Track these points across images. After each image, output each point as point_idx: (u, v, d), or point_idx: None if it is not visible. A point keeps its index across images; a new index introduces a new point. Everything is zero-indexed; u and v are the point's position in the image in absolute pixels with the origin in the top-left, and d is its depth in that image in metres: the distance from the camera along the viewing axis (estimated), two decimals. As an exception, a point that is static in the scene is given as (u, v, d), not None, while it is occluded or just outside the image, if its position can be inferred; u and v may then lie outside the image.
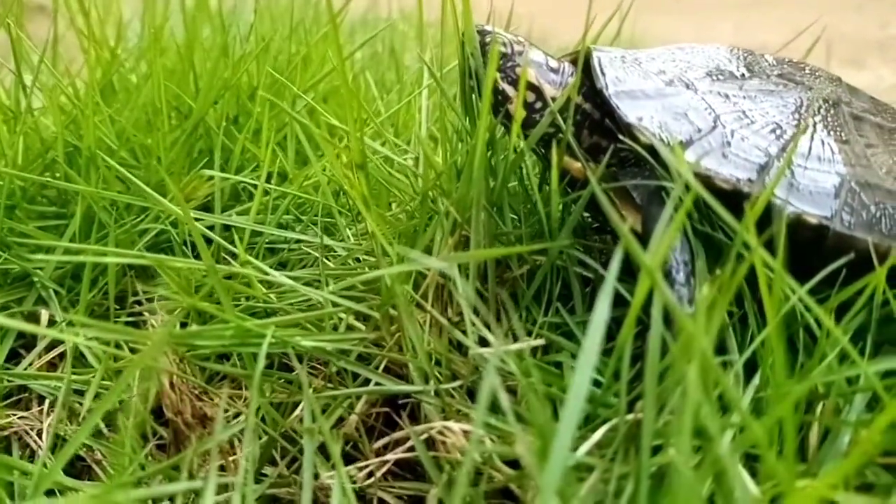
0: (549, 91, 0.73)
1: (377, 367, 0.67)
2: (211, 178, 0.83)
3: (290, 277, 0.72)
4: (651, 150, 0.65)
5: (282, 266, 0.85)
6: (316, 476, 0.61)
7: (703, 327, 0.42)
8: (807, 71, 0.79)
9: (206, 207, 0.88)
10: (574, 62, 0.75)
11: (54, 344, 0.79)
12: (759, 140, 0.68)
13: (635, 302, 0.48)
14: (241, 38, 0.98)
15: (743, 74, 0.75)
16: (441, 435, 0.60)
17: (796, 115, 0.71)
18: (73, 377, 0.71)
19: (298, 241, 0.81)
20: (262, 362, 0.55)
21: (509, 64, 0.73)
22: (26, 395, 0.77)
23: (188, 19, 0.94)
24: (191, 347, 0.66)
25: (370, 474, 0.64)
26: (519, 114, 0.67)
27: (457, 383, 0.64)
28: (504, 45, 0.73)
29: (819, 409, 0.57)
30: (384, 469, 0.64)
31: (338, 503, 0.50)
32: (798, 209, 0.65)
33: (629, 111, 0.68)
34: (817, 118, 0.72)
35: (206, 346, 0.61)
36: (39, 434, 0.74)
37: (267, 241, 0.84)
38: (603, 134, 0.75)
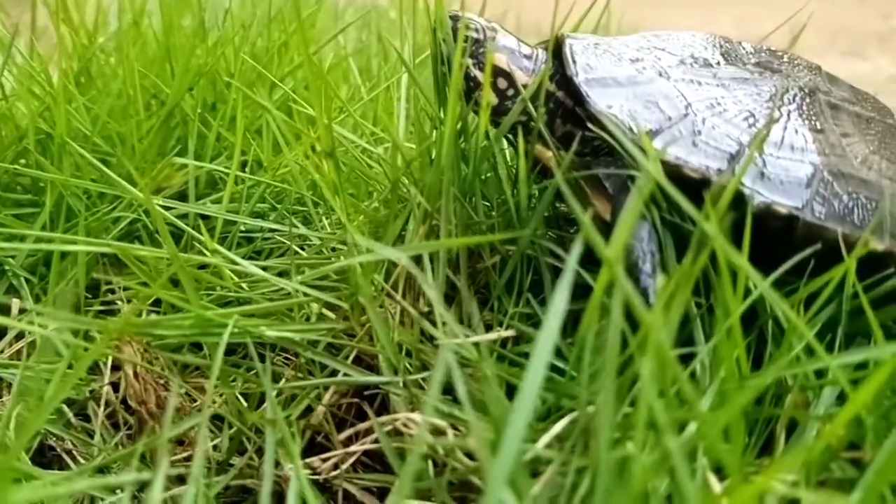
0: (520, 78, 0.72)
1: (347, 358, 0.66)
2: (185, 166, 0.82)
3: (262, 267, 0.72)
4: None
5: (256, 255, 0.84)
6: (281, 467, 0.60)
7: (660, 319, 0.41)
8: (785, 59, 0.78)
9: (183, 196, 0.87)
10: (548, 49, 0.74)
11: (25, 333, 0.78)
12: (731, 128, 0.67)
13: (596, 292, 0.47)
14: (219, 24, 0.97)
15: (718, 62, 0.74)
16: (405, 427, 0.59)
17: (770, 104, 0.70)
18: (45, 366, 0.71)
19: (273, 230, 0.81)
20: (221, 352, 0.54)
21: (481, 50, 0.71)
22: (-3, 383, 0.76)
23: (165, 4, 0.93)
24: (157, 337, 0.66)
25: (337, 465, 0.63)
26: (487, 97, 0.66)
27: (425, 374, 0.63)
28: (476, 30, 0.71)
29: (787, 402, 0.57)
30: (351, 460, 0.63)
31: (294, 494, 0.49)
32: (767, 199, 0.64)
33: (598, 99, 0.67)
34: (792, 106, 0.71)
35: (171, 336, 0.60)
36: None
37: (242, 230, 0.84)
38: (576, 123, 0.74)
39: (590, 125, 0.66)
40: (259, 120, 0.95)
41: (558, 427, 0.50)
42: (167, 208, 0.76)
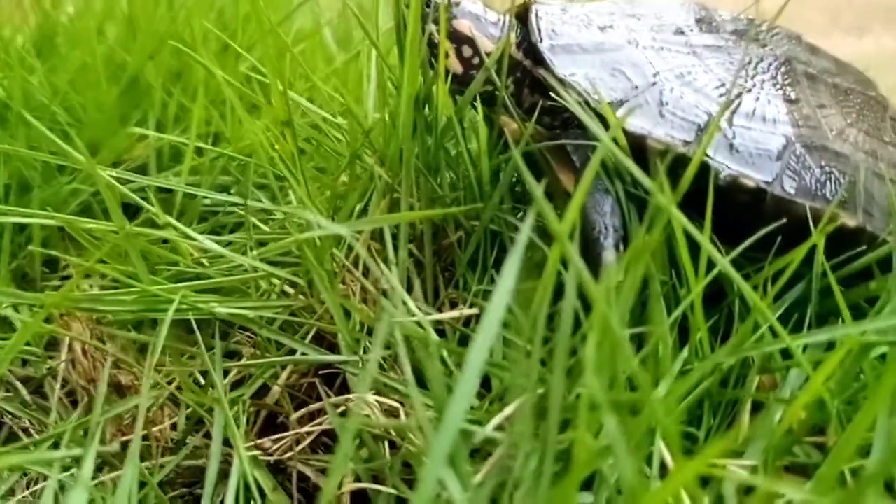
0: (485, 45, 0.69)
1: (306, 336, 0.64)
2: (145, 137, 0.79)
3: (223, 243, 0.69)
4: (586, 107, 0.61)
5: (221, 230, 0.81)
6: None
7: (604, 294, 0.39)
8: (763, 28, 0.75)
9: (144, 169, 0.84)
10: (518, 16, 0.71)
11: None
12: (701, 98, 0.65)
13: (549, 268, 0.45)
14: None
15: (692, 30, 0.72)
16: (358, 407, 0.57)
17: (743, 73, 0.68)
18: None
19: (235, 204, 0.78)
20: (164, 328, 0.52)
21: (447, 16, 0.68)
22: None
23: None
24: (109, 314, 0.64)
25: (291, 447, 0.61)
26: (441, 66, 0.64)
27: (387, 353, 0.61)
28: None
29: (755, 383, 0.55)
30: (307, 441, 0.61)
31: (236, 475, 0.48)
32: (735, 171, 0.61)
33: (562, 66, 0.65)
34: (766, 76, 0.69)
35: (116, 312, 0.58)
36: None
37: (206, 204, 0.81)
38: (543, 93, 0.70)
39: (552, 94, 0.64)
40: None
41: (510, 409, 0.48)
42: (126, 182, 0.73)
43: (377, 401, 0.56)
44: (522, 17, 0.72)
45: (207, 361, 0.52)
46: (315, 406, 0.58)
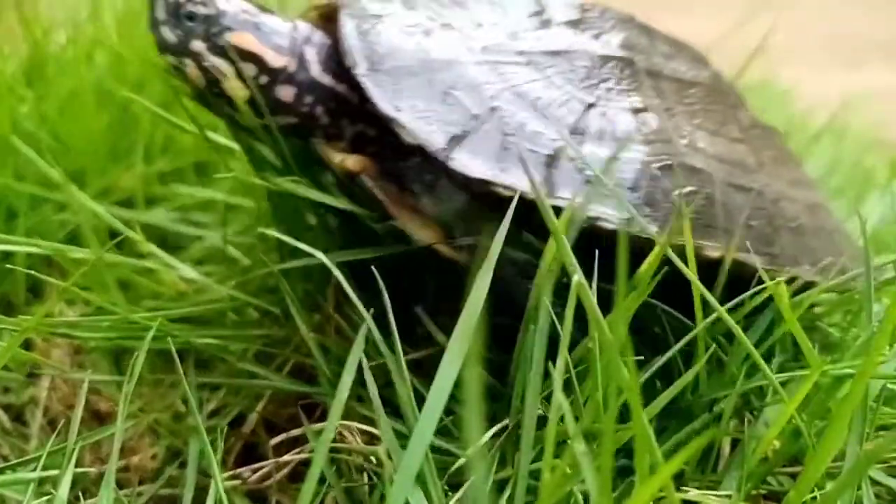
0: (274, 60, 0.58)
1: (283, 366, 0.64)
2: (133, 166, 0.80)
3: (204, 272, 0.70)
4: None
5: (206, 259, 0.82)
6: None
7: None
8: (595, 14, 0.68)
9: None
10: (322, 20, 0.62)
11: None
12: (546, 124, 0.57)
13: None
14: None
15: (526, 28, 0.64)
16: (340, 436, 0.57)
17: (586, 84, 0.61)
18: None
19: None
20: (142, 357, 0.52)
21: (215, 29, 0.57)
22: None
23: None
24: (88, 340, 0.64)
25: (270, 474, 0.61)
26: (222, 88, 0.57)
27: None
28: (204, 4, 0.57)
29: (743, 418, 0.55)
30: (285, 470, 0.61)
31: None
32: (592, 213, 0.53)
33: (388, 99, 0.54)
34: (609, 83, 0.62)
35: (94, 339, 0.58)
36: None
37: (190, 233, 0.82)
38: (369, 121, 0.60)
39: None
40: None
41: (487, 435, 0.48)
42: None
43: (358, 428, 0.55)
44: (327, 17, 0.62)
45: (187, 391, 0.52)
46: (295, 432, 0.57)
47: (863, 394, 0.42)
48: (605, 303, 0.42)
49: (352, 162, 0.59)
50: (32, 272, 0.59)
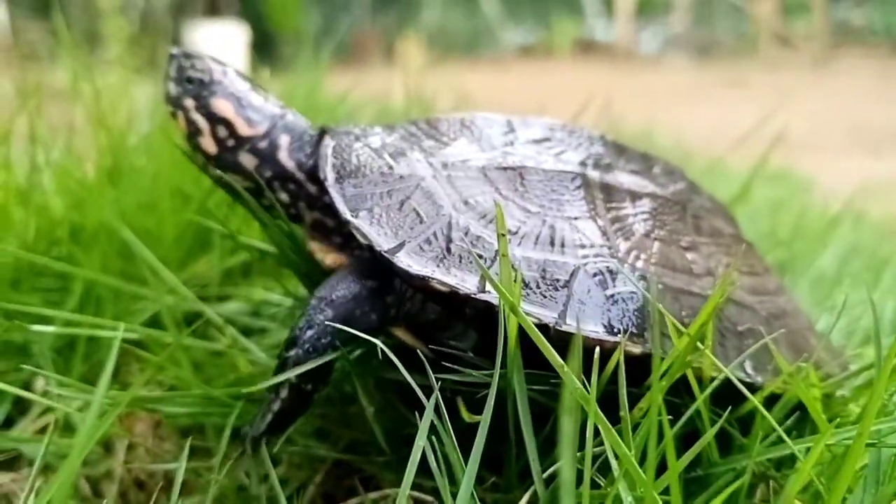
0: (243, 129, 0.70)
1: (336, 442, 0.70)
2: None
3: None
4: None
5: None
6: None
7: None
8: (562, 134, 0.76)
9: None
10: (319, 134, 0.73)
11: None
12: (489, 230, 0.63)
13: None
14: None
15: (493, 146, 0.72)
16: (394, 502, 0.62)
17: (532, 196, 0.67)
18: (61, 441, 0.76)
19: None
20: (227, 433, 0.59)
21: (205, 93, 0.70)
22: (19, 457, 0.81)
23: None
24: (169, 416, 0.71)
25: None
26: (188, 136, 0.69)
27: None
28: (202, 71, 0.70)
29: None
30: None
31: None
32: (527, 310, 0.58)
33: (347, 204, 0.64)
34: (554, 196, 0.68)
35: (178, 414, 0.66)
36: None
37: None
38: (326, 212, 0.71)
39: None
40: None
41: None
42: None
43: (413, 496, 0.61)
44: (323, 131, 0.73)
45: (266, 465, 0.59)
46: (352, 501, 0.64)
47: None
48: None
49: (330, 259, 0.69)
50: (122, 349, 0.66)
